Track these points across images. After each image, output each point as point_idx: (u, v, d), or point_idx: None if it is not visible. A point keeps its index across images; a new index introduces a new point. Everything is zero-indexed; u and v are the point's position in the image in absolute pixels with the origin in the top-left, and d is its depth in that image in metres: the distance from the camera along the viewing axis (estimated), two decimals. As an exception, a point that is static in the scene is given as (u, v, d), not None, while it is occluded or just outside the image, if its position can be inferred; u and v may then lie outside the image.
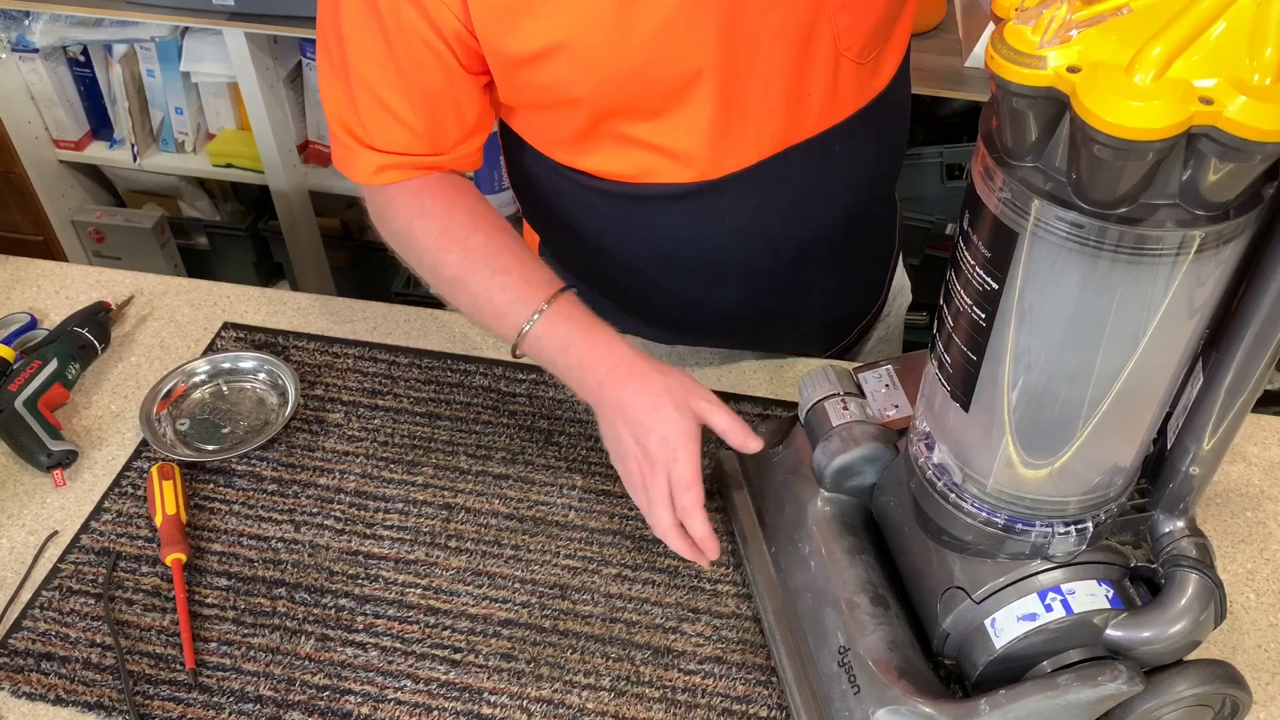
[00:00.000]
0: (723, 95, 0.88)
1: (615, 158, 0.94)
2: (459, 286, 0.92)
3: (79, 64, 2.24)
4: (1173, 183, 0.54)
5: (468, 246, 0.91)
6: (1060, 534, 0.72)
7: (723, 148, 0.92)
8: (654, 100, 0.88)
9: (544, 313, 0.88)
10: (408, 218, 0.93)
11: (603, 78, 0.86)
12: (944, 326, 0.69)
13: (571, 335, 0.88)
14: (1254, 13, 0.51)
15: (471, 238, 0.91)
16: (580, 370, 0.87)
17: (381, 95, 0.89)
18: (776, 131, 0.92)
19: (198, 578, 0.93)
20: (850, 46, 0.89)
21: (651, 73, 0.86)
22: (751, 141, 0.92)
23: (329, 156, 2.45)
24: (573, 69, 0.86)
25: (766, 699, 0.84)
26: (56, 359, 1.06)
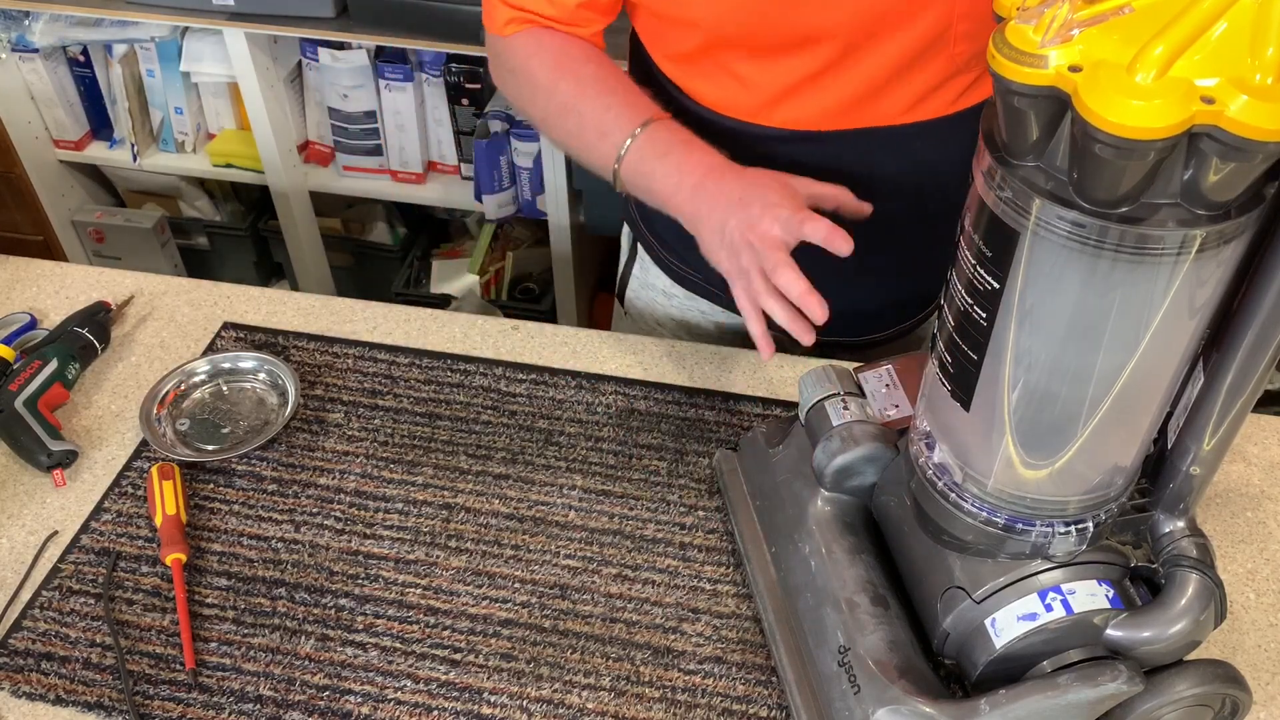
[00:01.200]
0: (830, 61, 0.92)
1: (712, 87, 0.99)
2: (567, 113, 0.96)
3: (79, 64, 2.24)
4: (1174, 182, 0.54)
5: (580, 75, 0.96)
6: (1060, 534, 0.72)
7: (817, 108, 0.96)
8: (763, 45, 0.93)
9: (647, 126, 0.92)
10: (525, 55, 0.99)
11: (722, 11, 0.90)
12: (944, 326, 0.69)
13: (672, 143, 0.91)
14: (1255, 12, 0.51)
15: (584, 68, 0.97)
16: (679, 174, 0.90)
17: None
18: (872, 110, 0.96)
19: (198, 578, 0.93)
20: (962, 52, 0.93)
21: (765, 20, 0.90)
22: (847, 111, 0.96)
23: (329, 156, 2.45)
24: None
25: (766, 699, 0.84)
26: (56, 359, 1.06)
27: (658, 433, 1.04)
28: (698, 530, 0.96)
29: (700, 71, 1.00)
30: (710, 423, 1.05)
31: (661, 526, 0.96)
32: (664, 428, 1.05)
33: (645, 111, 0.94)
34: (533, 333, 1.15)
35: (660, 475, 1.00)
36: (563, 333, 1.15)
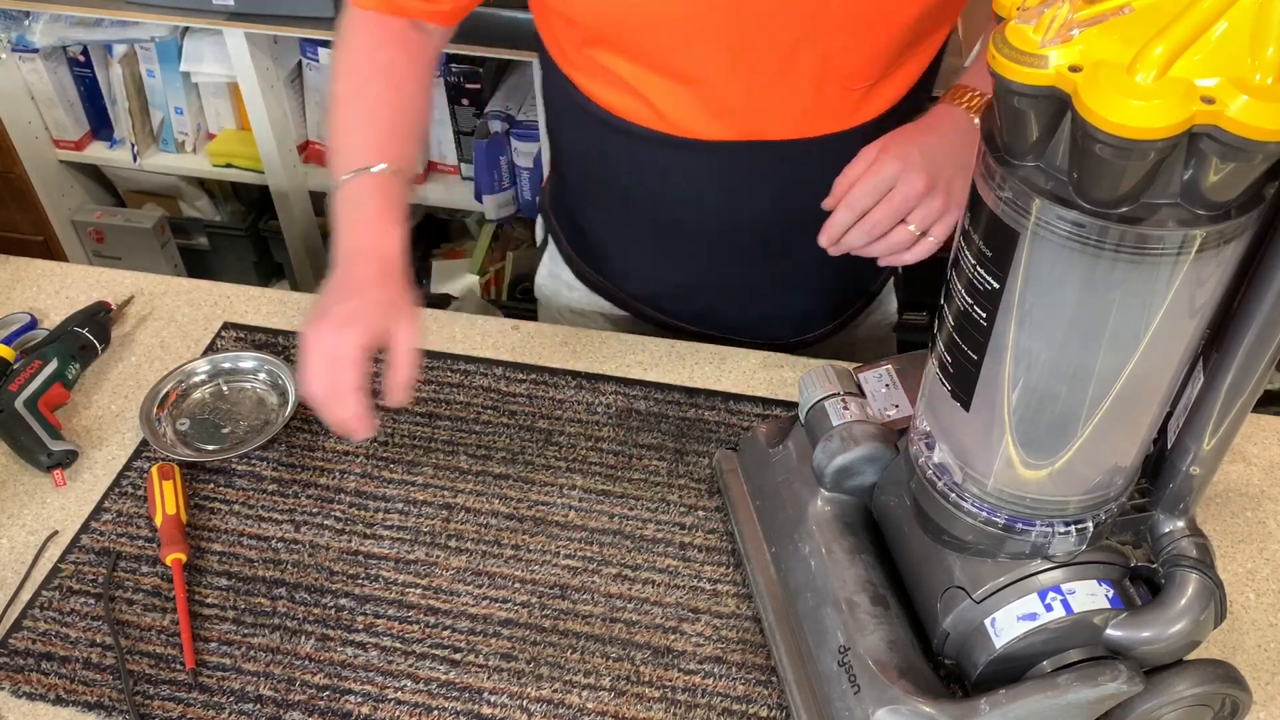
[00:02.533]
0: (703, 72, 0.91)
1: (601, 82, 0.99)
2: (335, 103, 0.97)
3: (79, 64, 2.24)
4: (1174, 182, 0.54)
5: (367, 82, 0.97)
6: (1060, 534, 0.72)
7: (696, 117, 0.95)
8: (641, 49, 0.92)
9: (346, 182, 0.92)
10: (350, 31, 1.00)
11: (595, 7, 0.90)
12: (944, 326, 0.69)
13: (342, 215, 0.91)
14: (1256, 12, 0.51)
15: (375, 79, 0.97)
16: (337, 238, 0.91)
17: None
18: (749, 122, 0.95)
19: (198, 578, 0.93)
20: (840, 68, 0.91)
21: (642, 23, 0.89)
22: (723, 121, 0.95)
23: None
24: None
25: (766, 699, 0.84)
26: (56, 359, 1.06)
27: (658, 433, 1.04)
28: (698, 530, 0.96)
29: (589, 69, 0.99)
30: (710, 423, 1.05)
31: (661, 526, 0.96)
32: (664, 428, 1.05)
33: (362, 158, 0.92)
34: (533, 333, 1.15)
35: (660, 475, 1.00)
36: (563, 333, 1.15)
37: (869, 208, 0.88)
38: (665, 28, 0.89)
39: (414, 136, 0.99)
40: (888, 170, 0.87)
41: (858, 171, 0.89)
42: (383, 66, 0.98)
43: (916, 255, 0.91)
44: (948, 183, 0.89)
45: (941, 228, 0.89)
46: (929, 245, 0.90)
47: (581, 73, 1.00)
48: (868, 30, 0.89)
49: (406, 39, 0.99)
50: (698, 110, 0.95)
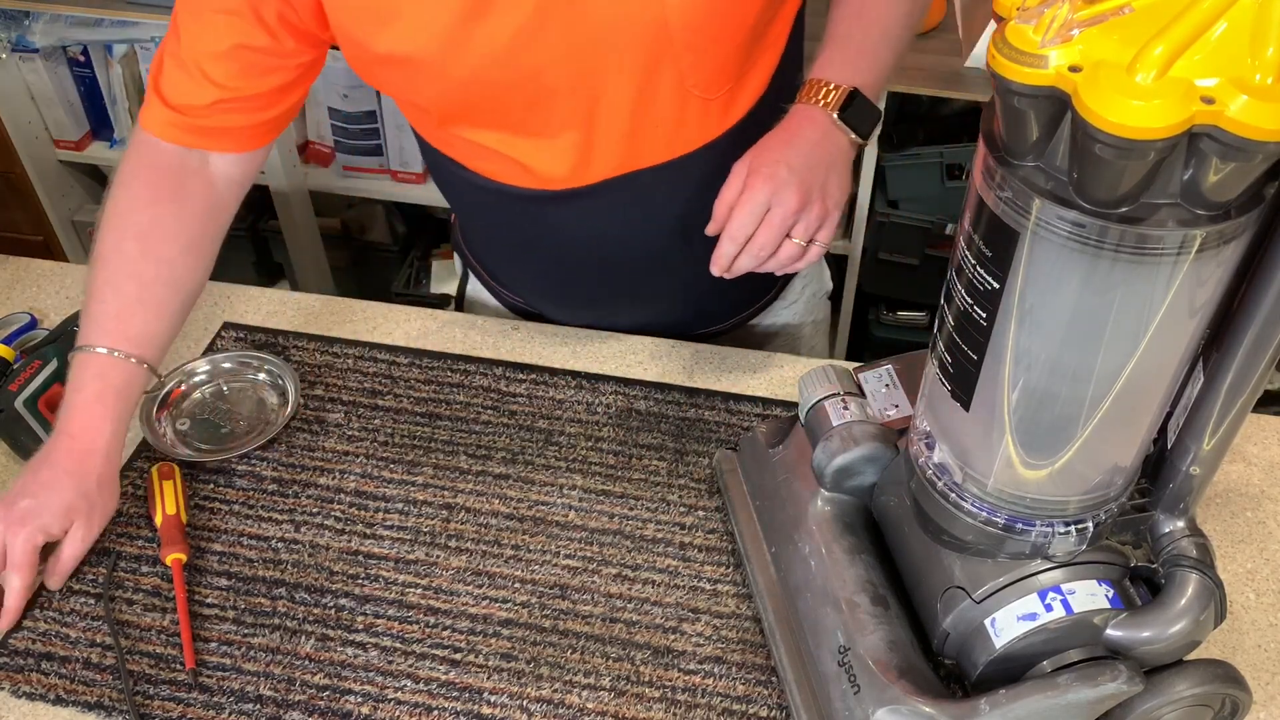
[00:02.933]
0: (563, 121, 0.91)
1: (469, 155, 0.99)
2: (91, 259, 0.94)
3: (79, 64, 2.24)
4: (1174, 182, 0.54)
5: (121, 242, 0.94)
6: (1060, 534, 0.72)
7: (567, 166, 0.95)
8: (495, 114, 0.92)
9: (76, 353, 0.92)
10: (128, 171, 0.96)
11: (443, 90, 0.90)
12: (944, 326, 0.69)
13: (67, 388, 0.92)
14: (1255, 12, 0.51)
15: (128, 242, 0.94)
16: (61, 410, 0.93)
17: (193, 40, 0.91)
18: (622, 157, 0.95)
19: (198, 578, 0.93)
20: (696, 84, 0.91)
21: (488, 92, 0.89)
22: (596, 163, 0.95)
23: (329, 156, 2.45)
24: (417, 78, 0.89)
25: (766, 699, 0.84)
26: (56, 359, 1.06)
27: (658, 433, 1.04)
28: (698, 530, 0.96)
29: (455, 144, 0.99)
30: (710, 423, 1.05)
31: (661, 526, 0.96)
32: (664, 428, 1.05)
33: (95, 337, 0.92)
34: (533, 333, 1.15)
35: (660, 475, 1.00)
36: (563, 333, 1.15)
37: (751, 233, 0.88)
38: (513, 93, 0.89)
39: (164, 312, 0.95)
40: (760, 195, 0.87)
41: (732, 195, 0.89)
42: (142, 228, 0.94)
43: (808, 262, 0.91)
44: (821, 188, 0.89)
45: (825, 233, 0.90)
46: (817, 251, 0.91)
47: (449, 146, 1.00)
48: (713, 40, 0.89)
49: (184, 188, 0.96)
50: (569, 161, 0.95)
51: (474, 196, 1.05)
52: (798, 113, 0.92)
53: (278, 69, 0.93)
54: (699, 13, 0.86)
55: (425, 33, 0.85)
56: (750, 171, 0.89)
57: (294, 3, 0.87)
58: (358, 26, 0.87)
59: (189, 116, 0.93)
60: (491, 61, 0.86)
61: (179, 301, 0.97)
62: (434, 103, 0.92)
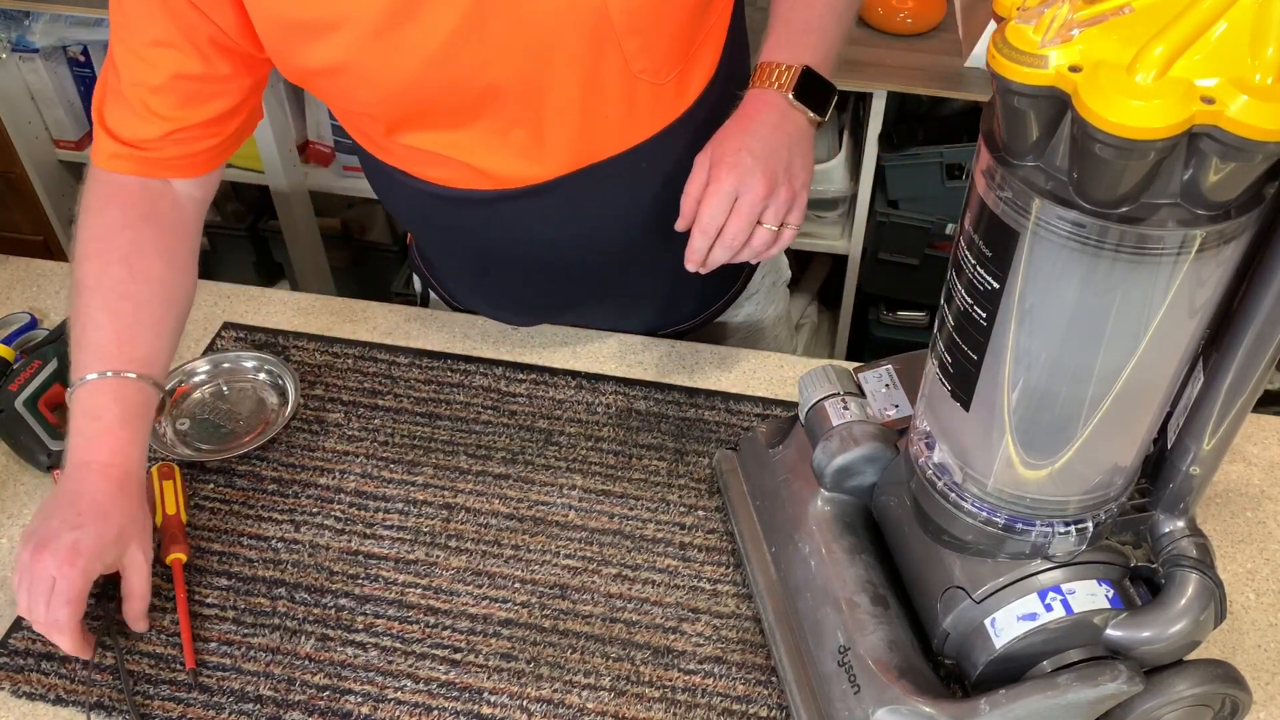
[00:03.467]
0: (513, 118, 0.90)
1: (419, 164, 0.97)
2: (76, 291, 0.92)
3: (79, 64, 2.24)
4: (1174, 182, 0.54)
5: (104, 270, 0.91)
6: (1060, 534, 0.72)
7: (521, 164, 0.94)
8: (441, 116, 0.90)
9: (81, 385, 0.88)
10: (90, 202, 0.94)
11: (384, 96, 0.88)
12: (944, 326, 0.69)
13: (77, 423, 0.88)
14: (1255, 12, 0.51)
15: (113, 268, 0.91)
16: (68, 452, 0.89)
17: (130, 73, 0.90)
18: (576, 150, 0.94)
19: (198, 578, 0.93)
20: (645, 69, 0.90)
21: (431, 94, 0.88)
22: (550, 159, 0.94)
23: (329, 156, 2.45)
24: (356, 86, 0.88)
25: (766, 699, 0.84)
26: (57, 359, 1.06)
27: (658, 433, 1.04)
28: (698, 530, 0.96)
29: (402, 153, 0.97)
30: (710, 423, 1.05)
31: (661, 526, 0.96)
32: (664, 428, 1.05)
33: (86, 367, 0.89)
34: (533, 333, 1.15)
35: (660, 475, 1.00)
36: (563, 333, 1.15)
37: (722, 224, 0.88)
38: (456, 93, 0.88)
39: (162, 330, 0.93)
40: (726, 185, 0.87)
41: (697, 188, 0.89)
42: (124, 251, 0.92)
43: (781, 246, 0.91)
44: (785, 171, 0.89)
45: (795, 214, 0.90)
46: (789, 234, 0.91)
47: (396, 157, 0.98)
48: (655, 21, 0.88)
49: (155, 209, 0.94)
50: (521, 158, 0.93)
51: (427, 207, 1.03)
52: (752, 98, 0.92)
53: (219, 94, 0.91)
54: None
55: (355, 39, 0.83)
56: (713, 163, 0.88)
57: (224, 26, 0.86)
58: (286, 40, 0.85)
59: (141, 150, 0.92)
60: (428, 63, 0.85)
61: (174, 318, 0.95)
62: (377, 110, 0.91)
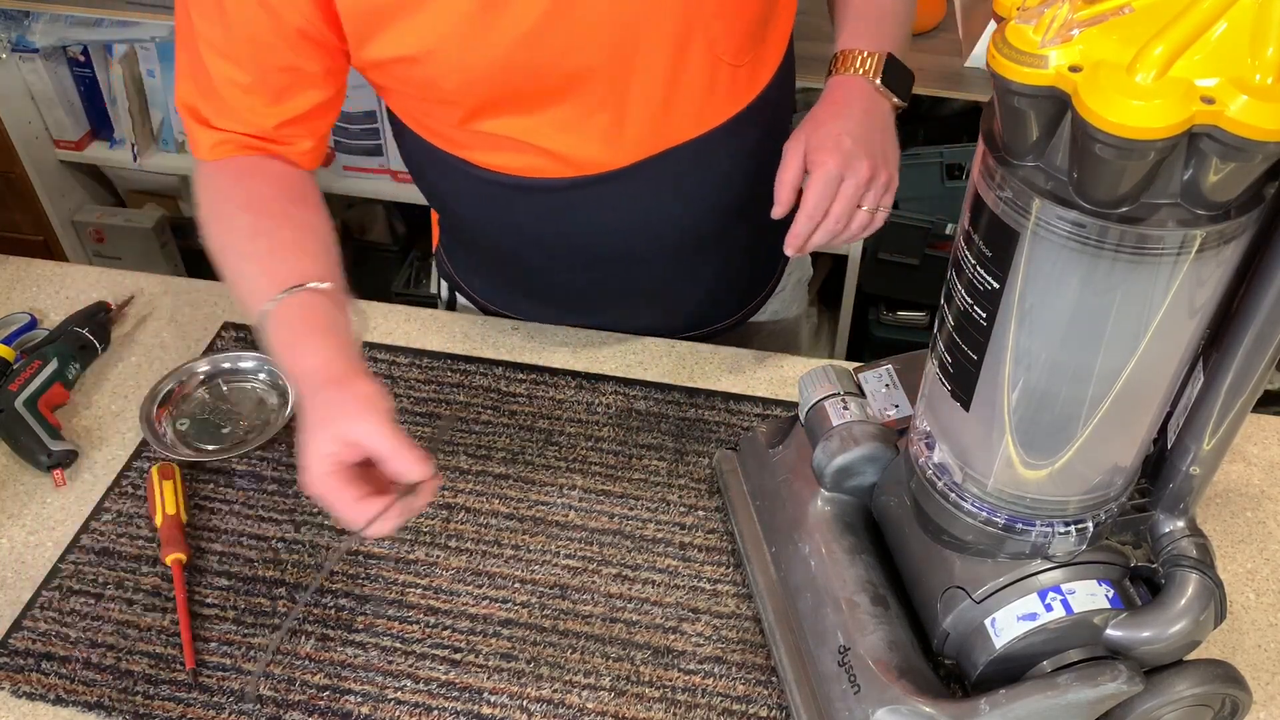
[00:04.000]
0: (597, 101, 0.90)
1: (491, 152, 0.96)
2: (216, 261, 0.90)
3: (79, 64, 2.24)
4: (1174, 182, 0.54)
5: (231, 224, 0.89)
6: (1060, 534, 0.72)
7: (599, 149, 0.94)
8: (524, 102, 0.90)
9: (267, 313, 0.83)
10: (199, 185, 0.92)
11: (468, 80, 0.87)
12: (944, 326, 0.69)
13: (278, 342, 0.83)
14: (1255, 12, 0.51)
15: (238, 217, 0.89)
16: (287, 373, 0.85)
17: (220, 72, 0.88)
18: (655, 134, 0.94)
19: (198, 578, 0.93)
20: (725, 50, 0.91)
21: (517, 78, 0.87)
22: (630, 144, 0.94)
23: (329, 156, 2.43)
24: (439, 72, 0.87)
25: (766, 699, 0.84)
26: (56, 359, 1.06)
27: (658, 433, 1.04)
28: (698, 530, 0.96)
29: (474, 141, 0.95)
30: (710, 423, 1.05)
31: (661, 526, 0.96)
32: (664, 428, 1.05)
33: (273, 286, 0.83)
34: (533, 333, 1.15)
35: (660, 475, 1.00)
36: (563, 333, 1.15)
37: (827, 208, 0.89)
38: (546, 74, 0.87)
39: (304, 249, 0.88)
40: (832, 169, 0.88)
41: (793, 175, 0.89)
42: (239, 203, 0.90)
43: (875, 227, 0.92)
44: (882, 154, 0.90)
45: (889, 197, 0.91)
46: (883, 216, 0.92)
47: (465, 147, 0.96)
48: (739, 3, 0.89)
49: (263, 167, 0.92)
50: (600, 143, 0.93)
51: (490, 198, 1.01)
52: (839, 84, 0.93)
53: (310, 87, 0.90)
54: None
55: (442, 23, 0.83)
56: (813, 148, 0.89)
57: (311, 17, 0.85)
58: (370, 25, 0.85)
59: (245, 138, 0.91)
60: (517, 45, 0.84)
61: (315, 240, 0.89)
62: (457, 96, 0.90)
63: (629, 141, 0.94)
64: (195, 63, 0.89)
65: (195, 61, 0.89)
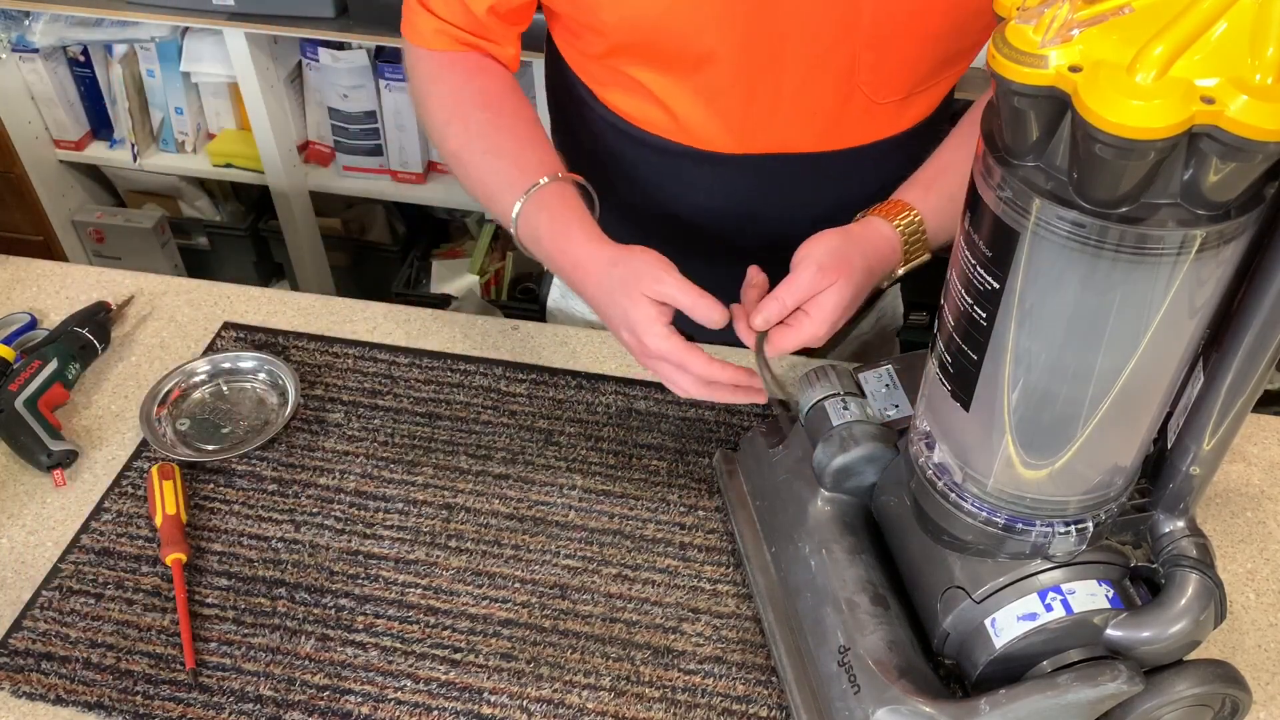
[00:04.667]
0: (729, 82, 0.90)
1: (626, 98, 0.98)
2: (456, 161, 0.93)
3: (79, 64, 2.25)
4: (1174, 182, 0.54)
5: (469, 121, 0.93)
6: (1060, 534, 0.72)
7: (718, 130, 0.94)
8: (666, 58, 0.91)
9: (522, 204, 0.88)
10: (427, 79, 0.96)
11: (625, 16, 0.89)
12: (944, 326, 0.69)
13: (539, 229, 0.88)
14: (1256, 12, 0.51)
15: (476, 114, 0.93)
16: (551, 265, 0.89)
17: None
18: (773, 136, 0.94)
19: (198, 578, 0.93)
20: (868, 82, 0.90)
21: (668, 33, 0.88)
22: (747, 135, 0.94)
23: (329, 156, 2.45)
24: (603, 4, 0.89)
25: (766, 699, 0.84)
26: (56, 359, 1.06)
27: (658, 433, 1.04)
28: (698, 530, 0.96)
29: (609, 79, 0.98)
30: (710, 423, 1.05)
31: (661, 526, 0.96)
32: (664, 428, 1.05)
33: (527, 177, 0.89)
34: (533, 333, 1.15)
35: (660, 475, 1.00)
36: (563, 333, 1.15)
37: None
38: (694, 38, 0.89)
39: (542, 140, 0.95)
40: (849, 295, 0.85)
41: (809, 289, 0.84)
42: (476, 101, 0.95)
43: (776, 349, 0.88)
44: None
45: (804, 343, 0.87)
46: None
47: (599, 82, 0.99)
48: (895, 44, 0.88)
49: (485, 66, 0.97)
50: (719, 124, 0.94)
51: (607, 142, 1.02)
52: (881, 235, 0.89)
53: None
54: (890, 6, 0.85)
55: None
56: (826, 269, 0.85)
57: None
58: None
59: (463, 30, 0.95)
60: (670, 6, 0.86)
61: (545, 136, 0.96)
62: (617, 29, 0.91)
63: (747, 133, 0.94)
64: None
65: None
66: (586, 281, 0.86)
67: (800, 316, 0.84)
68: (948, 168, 0.93)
